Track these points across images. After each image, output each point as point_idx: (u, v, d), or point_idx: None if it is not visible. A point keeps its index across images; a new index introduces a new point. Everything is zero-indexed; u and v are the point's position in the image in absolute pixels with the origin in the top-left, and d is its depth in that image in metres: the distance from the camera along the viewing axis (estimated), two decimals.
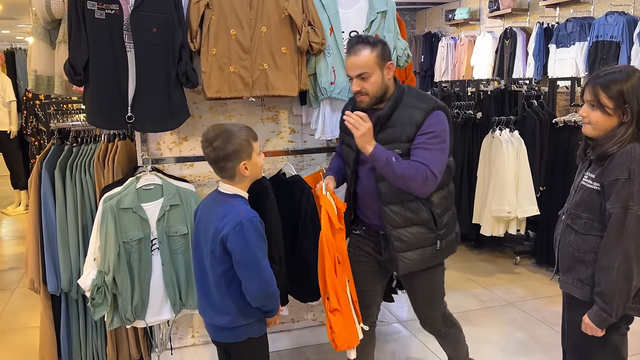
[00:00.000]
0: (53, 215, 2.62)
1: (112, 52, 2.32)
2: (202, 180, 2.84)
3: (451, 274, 4.35)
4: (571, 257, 1.87)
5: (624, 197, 1.67)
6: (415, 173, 2.01)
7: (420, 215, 2.13)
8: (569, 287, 1.90)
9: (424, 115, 2.06)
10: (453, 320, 2.44)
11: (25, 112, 6.33)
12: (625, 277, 1.70)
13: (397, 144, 2.08)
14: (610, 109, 1.73)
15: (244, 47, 2.49)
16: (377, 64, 2.07)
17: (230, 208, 1.88)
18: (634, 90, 1.71)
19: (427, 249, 2.17)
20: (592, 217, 1.80)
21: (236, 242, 1.82)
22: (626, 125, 1.73)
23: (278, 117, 2.93)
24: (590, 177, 1.82)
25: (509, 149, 4.05)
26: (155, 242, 2.48)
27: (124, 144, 2.75)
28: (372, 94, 2.10)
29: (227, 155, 1.86)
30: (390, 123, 2.11)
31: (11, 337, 3.40)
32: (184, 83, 2.45)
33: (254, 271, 1.85)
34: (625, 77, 1.72)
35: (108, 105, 2.35)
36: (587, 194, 1.81)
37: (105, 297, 2.36)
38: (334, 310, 2.07)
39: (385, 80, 2.11)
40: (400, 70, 2.93)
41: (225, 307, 1.92)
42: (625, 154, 1.70)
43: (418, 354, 3.12)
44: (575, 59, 6.19)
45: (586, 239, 1.82)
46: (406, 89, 2.16)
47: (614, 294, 1.71)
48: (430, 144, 2.04)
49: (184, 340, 2.99)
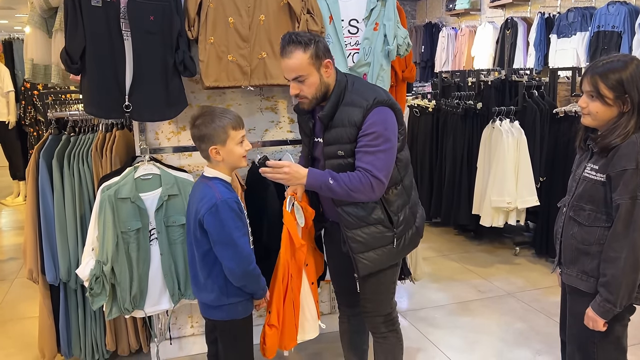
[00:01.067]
0: (51, 205, 2.61)
1: (109, 40, 2.29)
2: (201, 170, 2.81)
3: (450, 264, 4.36)
4: (575, 250, 1.84)
5: (632, 188, 1.66)
6: (358, 184, 1.93)
7: (374, 214, 2.04)
8: (573, 280, 1.87)
9: (363, 114, 1.94)
10: (396, 327, 2.29)
11: (23, 103, 6.30)
12: (632, 267, 1.69)
13: (340, 145, 1.99)
14: (610, 100, 1.71)
15: (242, 35, 2.47)
16: (312, 64, 1.94)
17: (207, 190, 1.96)
18: (633, 79, 1.68)
19: (385, 248, 2.09)
20: (595, 209, 1.78)
21: (212, 223, 1.90)
22: (627, 116, 1.71)
23: (277, 106, 2.91)
24: (593, 169, 1.79)
25: (509, 140, 4.03)
26: (153, 232, 2.47)
27: (122, 133, 2.73)
28: (311, 97, 2.00)
29: (201, 137, 1.96)
30: (333, 123, 2.01)
31: (10, 327, 3.41)
32: (182, 72, 2.43)
33: (230, 250, 1.93)
34: (623, 66, 1.69)
35: (105, 94, 2.33)
36: (591, 186, 1.79)
37: (103, 287, 2.36)
38: (272, 326, 2.17)
39: (324, 80, 1.99)
40: (400, 59, 2.90)
41: (209, 285, 2.01)
42: (632, 145, 1.68)
43: (417, 343, 3.12)
44: (577, 49, 6.16)
45: (590, 230, 1.79)
46: (349, 85, 2.03)
47: (620, 285, 1.70)
48: (373, 146, 1.94)
49: (183, 330, 2.99)
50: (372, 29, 2.68)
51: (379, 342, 2.29)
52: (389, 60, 2.75)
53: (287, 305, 2.20)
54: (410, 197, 2.16)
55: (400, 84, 3.03)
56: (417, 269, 3.08)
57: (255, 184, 2.58)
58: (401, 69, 2.99)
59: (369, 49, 2.70)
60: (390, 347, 2.29)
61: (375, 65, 2.71)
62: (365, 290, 2.22)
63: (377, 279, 2.18)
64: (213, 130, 1.93)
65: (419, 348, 3.08)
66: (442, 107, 4.94)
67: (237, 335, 2.09)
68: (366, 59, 2.70)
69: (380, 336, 2.28)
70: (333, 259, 2.38)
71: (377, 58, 2.70)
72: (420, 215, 2.23)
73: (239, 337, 2.10)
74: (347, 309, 2.43)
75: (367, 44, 2.69)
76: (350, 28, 2.71)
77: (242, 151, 2.02)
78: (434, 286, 3.91)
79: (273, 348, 2.21)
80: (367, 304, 2.24)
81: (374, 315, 2.25)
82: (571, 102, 4.28)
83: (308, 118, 2.15)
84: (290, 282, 2.19)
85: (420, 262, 3.12)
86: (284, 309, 2.19)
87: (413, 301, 3.71)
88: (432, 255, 4.58)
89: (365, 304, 2.25)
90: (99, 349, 2.83)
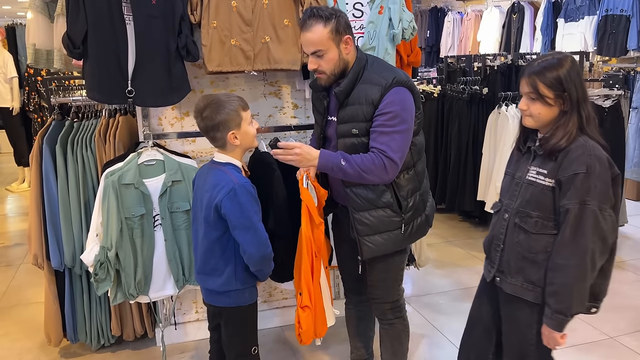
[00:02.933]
0: (55, 190, 2.61)
1: (110, 24, 2.27)
2: (204, 156, 2.81)
3: (455, 250, 4.36)
4: (521, 259, 1.74)
5: (582, 193, 1.59)
6: (371, 165, 1.89)
7: (383, 197, 2.01)
8: (518, 290, 1.76)
9: (381, 92, 1.91)
10: (403, 314, 2.28)
11: (27, 89, 6.30)
12: (582, 275, 1.61)
13: (355, 123, 1.96)
14: (551, 99, 1.65)
15: (245, 19, 2.44)
16: (332, 39, 1.91)
17: (222, 176, 1.93)
18: (571, 76, 1.63)
19: (392, 233, 2.06)
20: (543, 216, 1.69)
21: (231, 208, 1.88)
22: (568, 115, 1.66)
23: (280, 92, 2.88)
24: (540, 173, 1.70)
25: (515, 125, 3.99)
26: (157, 218, 2.47)
27: (125, 119, 2.72)
28: (329, 72, 1.97)
29: (215, 126, 1.91)
30: (349, 100, 1.97)
31: (17, 312, 3.43)
32: (185, 56, 2.41)
33: (250, 234, 1.91)
34: (559, 64, 1.64)
35: (108, 79, 2.32)
36: (538, 191, 1.70)
37: (108, 272, 2.36)
38: (305, 307, 2.09)
39: (344, 56, 1.96)
40: (406, 43, 2.87)
41: (218, 270, 2.00)
42: (581, 148, 1.62)
43: (421, 329, 3.12)
44: (584, 34, 6.08)
45: (538, 238, 1.70)
46: (369, 63, 2.01)
47: (571, 294, 1.62)
48: (389, 126, 1.90)
49: (188, 316, 3.00)
50: (377, 13, 2.64)
51: (385, 328, 2.29)
52: (394, 44, 2.72)
53: (316, 285, 2.12)
54: (422, 184, 2.13)
55: (405, 68, 3.00)
56: (421, 255, 3.08)
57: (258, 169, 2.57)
58: (406, 54, 2.95)
59: (373, 33, 2.66)
60: (397, 333, 2.29)
61: (380, 49, 2.68)
62: (373, 277, 2.20)
63: (385, 265, 2.16)
64: (227, 115, 1.90)
65: (423, 334, 3.08)
66: (447, 92, 4.90)
67: (242, 322, 2.08)
68: (371, 43, 2.67)
69: (387, 323, 2.27)
70: (340, 245, 2.36)
71: (382, 42, 2.67)
72: (430, 205, 2.19)
73: (244, 324, 2.09)
74: (353, 295, 2.43)
75: (371, 27, 2.65)
76: (355, 11, 2.68)
77: (254, 131, 2.00)
78: (439, 272, 3.90)
79: (310, 332, 2.10)
80: (375, 291, 2.23)
81: (381, 302, 2.24)
82: None
83: (323, 96, 2.11)
84: (315, 261, 2.11)
85: (424, 248, 3.11)
86: (314, 288, 2.10)
87: (417, 287, 3.71)
88: (436, 241, 4.57)
89: (373, 290, 2.24)
90: (104, 334, 2.84)
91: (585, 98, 1.67)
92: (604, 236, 1.62)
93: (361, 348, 2.51)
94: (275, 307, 3.14)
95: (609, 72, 5.61)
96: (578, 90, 1.65)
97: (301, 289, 2.11)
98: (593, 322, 3.09)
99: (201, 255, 2.04)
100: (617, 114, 4.17)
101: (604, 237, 1.62)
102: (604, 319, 3.13)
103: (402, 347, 2.32)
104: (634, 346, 2.90)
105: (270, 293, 3.12)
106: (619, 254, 4.26)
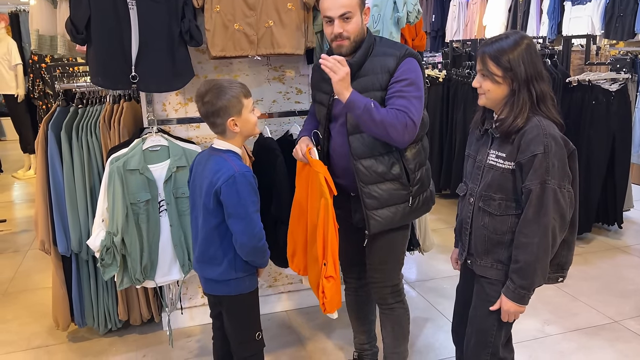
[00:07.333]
0: (60, 176, 2.62)
1: (114, 9, 2.26)
2: (209, 142, 2.81)
3: None
4: (488, 240, 1.80)
5: (541, 172, 1.63)
6: (394, 119, 1.90)
7: (393, 170, 2.04)
8: (487, 271, 1.83)
9: (397, 61, 1.97)
10: (403, 298, 2.29)
11: (31, 76, 6.30)
12: (545, 252, 1.67)
13: (370, 92, 1.98)
14: (499, 77, 1.67)
15: (248, 3, 2.42)
16: (359, 5, 1.97)
17: (223, 162, 1.91)
18: (520, 55, 1.64)
19: (399, 206, 2.08)
20: (505, 197, 1.74)
21: (228, 195, 1.86)
22: (517, 94, 1.67)
23: (284, 77, 2.87)
24: (500, 157, 1.74)
25: None
26: (162, 203, 2.48)
27: (130, 105, 2.72)
28: (353, 38, 1.98)
29: (216, 111, 1.89)
30: (362, 72, 2.01)
31: (25, 297, 3.47)
32: (188, 41, 2.40)
33: (243, 224, 1.89)
34: (512, 43, 1.66)
35: (111, 65, 2.31)
36: (499, 174, 1.74)
37: (114, 257, 2.38)
38: (329, 277, 2.08)
39: (363, 25, 2.01)
40: (411, 27, 2.85)
41: (217, 259, 1.98)
42: (536, 128, 1.65)
43: (425, 313, 3.14)
44: (592, 17, 6.01)
45: (502, 220, 1.76)
46: (378, 39, 2.08)
47: (535, 270, 1.68)
48: (407, 92, 1.94)
49: (194, 300, 3.03)
50: None
51: (386, 313, 2.30)
52: (399, 27, 2.69)
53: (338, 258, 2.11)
54: (426, 160, 2.17)
55: None
56: (425, 240, 3.08)
57: (262, 155, 2.57)
58: (411, 37, 2.94)
59: (378, 16, 2.64)
60: (398, 318, 2.30)
61: (384, 32, 2.66)
62: (374, 260, 2.22)
63: (387, 245, 2.18)
64: (228, 101, 1.88)
65: (428, 318, 3.10)
66: (452, 77, 4.86)
67: (244, 310, 2.07)
68: (375, 26, 2.65)
69: (387, 307, 2.29)
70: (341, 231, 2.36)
71: (387, 25, 2.65)
72: (432, 183, 2.24)
73: (246, 312, 2.07)
74: (354, 280, 2.44)
75: (376, 10, 2.63)
76: None
77: (255, 119, 1.99)
78: (443, 257, 3.91)
79: (334, 301, 2.09)
80: (376, 274, 2.24)
81: (382, 285, 2.25)
82: (585, 70, 4.19)
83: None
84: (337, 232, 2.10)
85: (429, 233, 3.11)
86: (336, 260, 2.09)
87: (422, 272, 3.72)
88: (441, 226, 4.57)
89: (373, 274, 2.25)
90: (111, 319, 2.88)
91: (537, 76, 1.68)
92: (563, 213, 1.67)
93: (364, 332, 2.52)
94: (280, 292, 3.16)
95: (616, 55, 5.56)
96: (527, 68, 1.65)
97: (326, 259, 2.08)
98: (597, 306, 3.10)
99: (200, 243, 2.02)
100: (624, 98, 4.14)
101: (563, 214, 1.67)
102: (608, 303, 3.16)
103: (403, 331, 2.34)
104: (638, 329, 2.91)
105: (276, 278, 3.14)
106: (624, 239, 4.27)
